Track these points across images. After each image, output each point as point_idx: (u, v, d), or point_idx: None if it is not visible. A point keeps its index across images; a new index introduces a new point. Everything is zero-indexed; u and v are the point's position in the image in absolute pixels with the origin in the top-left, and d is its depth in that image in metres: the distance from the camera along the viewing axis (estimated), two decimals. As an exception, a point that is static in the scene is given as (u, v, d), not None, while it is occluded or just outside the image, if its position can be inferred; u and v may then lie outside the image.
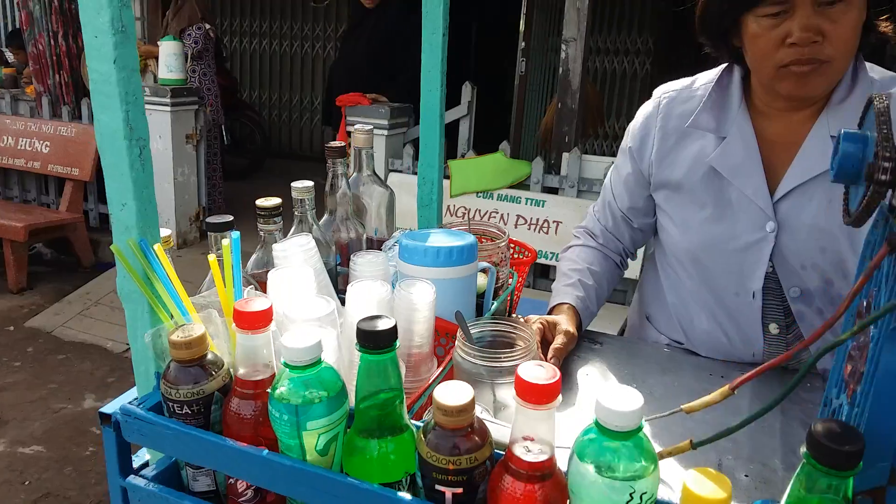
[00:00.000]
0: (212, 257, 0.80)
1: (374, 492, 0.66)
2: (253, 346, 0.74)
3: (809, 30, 1.05)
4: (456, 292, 1.17)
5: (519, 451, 0.63)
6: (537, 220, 3.61)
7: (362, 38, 4.00)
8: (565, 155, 3.63)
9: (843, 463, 0.54)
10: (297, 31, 8.12)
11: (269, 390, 0.71)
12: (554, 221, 3.57)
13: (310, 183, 1.19)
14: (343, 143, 1.28)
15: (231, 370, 0.79)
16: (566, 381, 1.23)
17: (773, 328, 1.27)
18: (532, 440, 0.63)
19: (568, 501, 0.64)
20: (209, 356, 0.77)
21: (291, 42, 8.19)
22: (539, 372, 0.62)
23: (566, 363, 1.28)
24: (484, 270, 1.23)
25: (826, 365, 1.27)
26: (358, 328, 0.68)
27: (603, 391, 0.62)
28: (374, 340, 0.67)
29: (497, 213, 3.66)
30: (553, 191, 3.69)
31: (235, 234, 0.86)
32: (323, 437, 0.70)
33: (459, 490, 0.65)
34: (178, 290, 0.78)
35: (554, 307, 1.36)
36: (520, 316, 1.39)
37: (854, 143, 0.62)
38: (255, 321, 0.72)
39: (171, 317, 0.79)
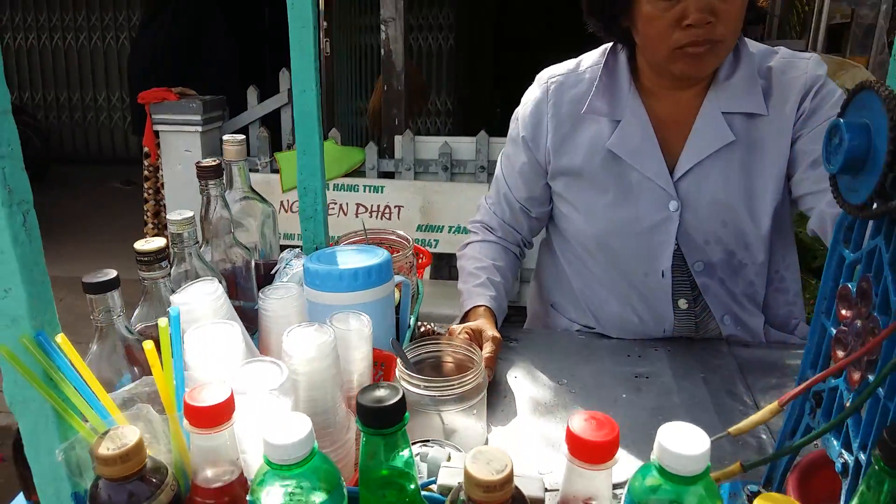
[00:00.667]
0: (149, 344, 0.63)
1: None
2: (216, 447, 0.59)
3: (705, 10, 1.05)
4: (378, 315, 1.06)
5: (574, 515, 0.56)
6: (378, 206, 3.51)
7: (164, 27, 3.62)
8: (398, 138, 3.55)
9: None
10: (81, 22, 7.26)
11: (247, 498, 0.57)
12: (395, 206, 3.50)
13: (189, 213, 1.01)
14: (217, 162, 1.11)
15: (176, 473, 0.63)
16: (496, 387, 1.17)
17: (682, 303, 1.29)
18: (588, 501, 0.55)
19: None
20: (148, 463, 0.61)
21: (76, 34, 7.32)
22: (592, 425, 0.55)
23: (495, 369, 1.22)
24: (397, 285, 1.13)
25: (732, 331, 1.31)
26: (364, 406, 0.56)
27: (663, 431, 0.55)
28: (386, 416, 0.56)
29: (336, 203, 3.52)
30: (390, 175, 3.60)
31: (175, 308, 0.69)
32: (327, 540, 0.58)
33: (508, 571, 0.57)
34: (94, 389, 0.61)
35: (469, 311, 1.29)
36: (430, 325, 1.31)
37: (860, 134, 0.60)
38: (217, 416, 0.58)
39: (87, 422, 0.62)
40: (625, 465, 0.97)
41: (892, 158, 0.57)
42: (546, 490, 0.68)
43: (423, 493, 0.64)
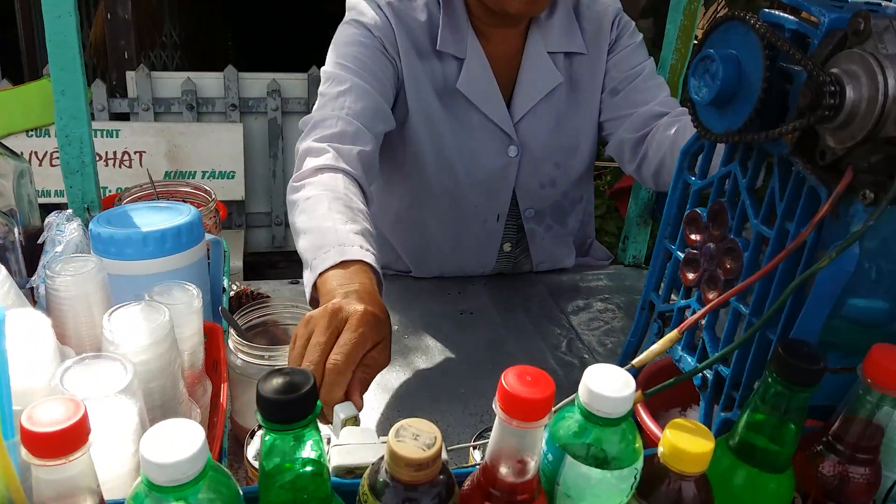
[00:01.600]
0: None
1: None
2: (70, 478, 0.46)
3: None
4: (196, 282, 0.92)
5: (506, 474, 0.52)
6: (115, 154, 3.11)
7: None
8: (130, 74, 3.14)
9: (811, 380, 0.56)
10: None
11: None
12: (135, 152, 3.12)
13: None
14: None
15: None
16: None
17: (507, 246, 1.30)
18: (524, 460, 0.52)
19: (555, 508, 0.56)
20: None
21: None
22: (526, 381, 0.51)
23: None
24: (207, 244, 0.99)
25: (544, 267, 1.35)
26: (265, 398, 0.47)
27: (588, 374, 0.53)
28: (295, 408, 0.47)
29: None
30: (124, 117, 3.20)
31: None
32: (232, 559, 0.49)
33: (441, 548, 0.52)
34: None
35: (339, 264, 0.84)
36: (243, 285, 1.18)
37: (732, 66, 0.62)
38: (71, 441, 0.45)
39: None
40: (474, 399, 0.97)
41: (767, 86, 0.59)
42: (447, 449, 0.64)
43: (318, 479, 0.57)
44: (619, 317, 1.23)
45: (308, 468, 0.50)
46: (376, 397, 0.98)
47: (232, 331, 0.85)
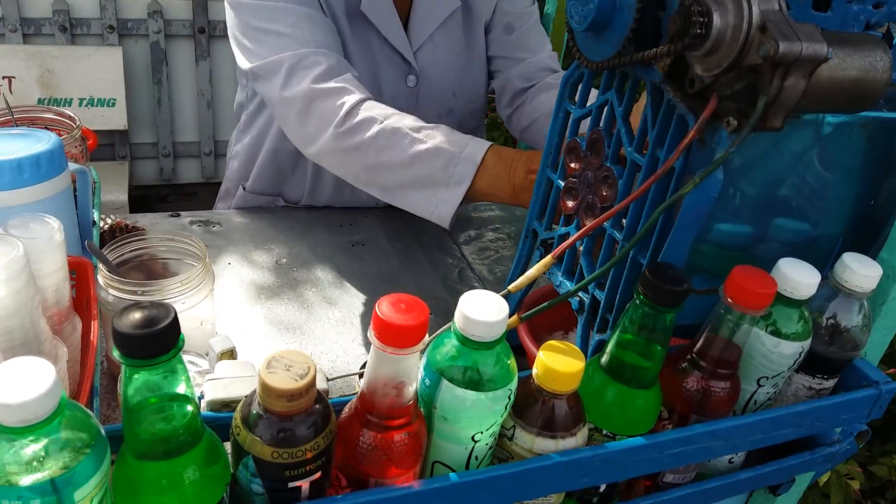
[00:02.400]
0: None
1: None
2: None
3: None
4: (59, 215, 0.86)
5: (383, 400, 0.53)
6: (-20, 79, 2.85)
7: None
8: (-9, -10, 2.86)
9: (676, 301, 0.59)
10: None
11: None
12: (4, 78, 2.87)
13: None
14: None
15: None
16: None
17: None
18: (401, 386, 0.52)
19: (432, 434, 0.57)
20: None
21: None
22: (400, 308, 0.50)
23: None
24: (72, 174, 0.93)
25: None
26: (127, 335, 0.44)
27: (464, 300, 0.54)
28: (158, 342, 0.45)
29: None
30: (-13, 38, 2.92)
31: None
32: (96, 499, 0.47)
33: (318, 474, 0.52)
34: None
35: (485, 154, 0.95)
36: (117, 218, 1.12)
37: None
38: None
39: None
40: (364, 330, 0.97)
41: (640, 14, 0.59)
42: (328, 378, 0.64)
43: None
44: (508, 246, 1.25)
45: (174, 404, 0.49)
46: (262, 329, 0.96)
47: (101, 266, 0.81)
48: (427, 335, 0.51)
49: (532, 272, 0.65)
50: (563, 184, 0.79)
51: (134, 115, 3.01)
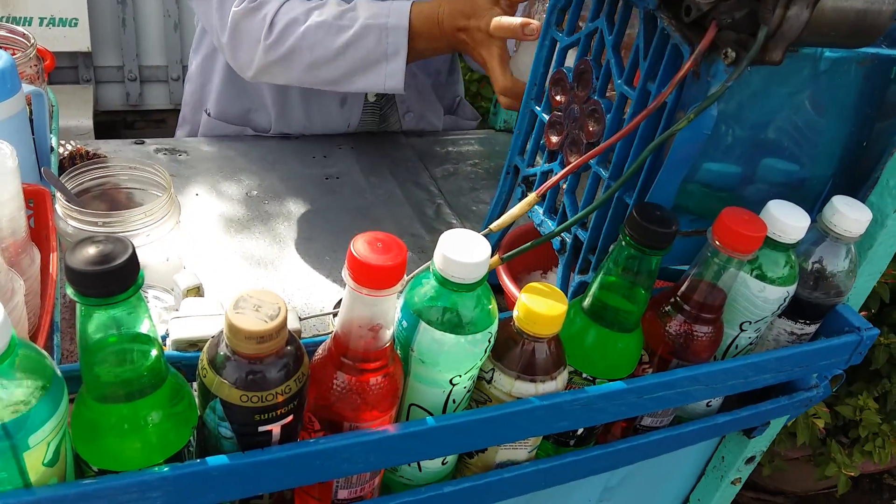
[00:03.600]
0: None
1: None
2: None
3: None
4: (13, 140, 0.81)
5: (358, 342, 0.50)
6: (-71, -8, 2.69)
7: None
8: None
9: (663, 243, 0.57)
10: None
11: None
12: (-45, -8, 2.71)
13: None
14: None
15: None
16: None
17: (371, 96, 1.23)
18: (377, 328, 0.50)
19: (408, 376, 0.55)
20: None
21: None
22: (377, 248, 0.48)
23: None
24: (27, 97, 0.87)
25: (412, 125, 1.30)
26: (74, 270, 0.41)
27: (444, 241, 0.51)
28: (115, 279, 0.42)
29: None
30: (-63, -51, 2.74)
31: None
32: (52, 443, 0.44)
33: (290, 418, 0.50)
34: None
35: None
36: (78, 144, 1.07)
37: None
38: None
39: None
40: (338, 266, 0.94)
41: (638, -67, 0.55)
42: (300, 318, 0.61)
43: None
44: (488, 182, 1.22)
45: (135, 344, 0.46)
46: (232, 265, 0.93)
47: (59, 195, 0.76)
48: (405, 276, 0.48)
49: (514, 211, 0.63)
50: (547, 118, 0.75)
51: (97, 36, 2.87)
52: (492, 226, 0.63)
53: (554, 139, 0.74)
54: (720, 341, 0.66)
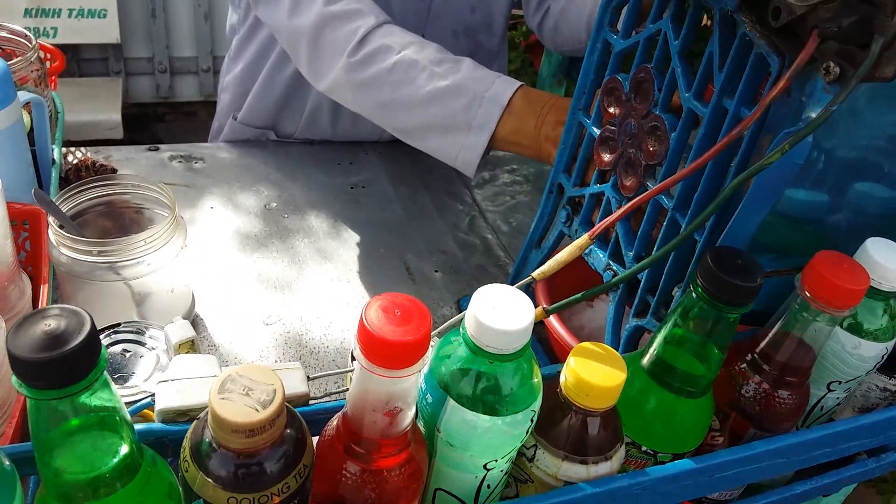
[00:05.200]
0: None
1: None
2: None
3: None
4: (6, 155, 0.75)
5: (373, 428, 0.41)
6: (-41, -15, 2.66)
7: None
8: None
9: (745, 299, 0.46)
10: None
11: None
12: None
13: None
14: None
15: None
16: (191, 225, 0.94)
17: None
18: (395, 412, 0.41)
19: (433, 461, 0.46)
20: None
21: None
22: (395, 317, 0.38)
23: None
24: (26, 105, 0.80)
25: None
26: (16, 358, 0.33)
27: (477, 301, 0.42)
28: (66, 369, 0.34)
29: None
30: (-33, -60, 2.71)
31: None
32: (0, 557, 0.37)
33: (289, 517, 0.41)
34: None
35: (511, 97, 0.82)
36: (84, 152, 0.99)
37: None
38: None
39: None
40: (361, 291, 0.85)
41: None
42: (309, 378, 0.52)
43: (136, 427, 0.44)
44: (526, 190, 1.12)
45: (98, 434, 0.38)
46: (246, 289, 0.85)
47: (52, 219, 0.69)
48: (430, 345, 0.39)
49: (562, 257, 0.53)
50: (598, 132, 0.65)
51: (127, 27, 2.82)
52: (535, 274, 0.54)
53: (606, 157, 0.64)
54: (805, 406, 0.55)
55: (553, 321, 0.70)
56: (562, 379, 0.47)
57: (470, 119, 0.81)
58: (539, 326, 0.83)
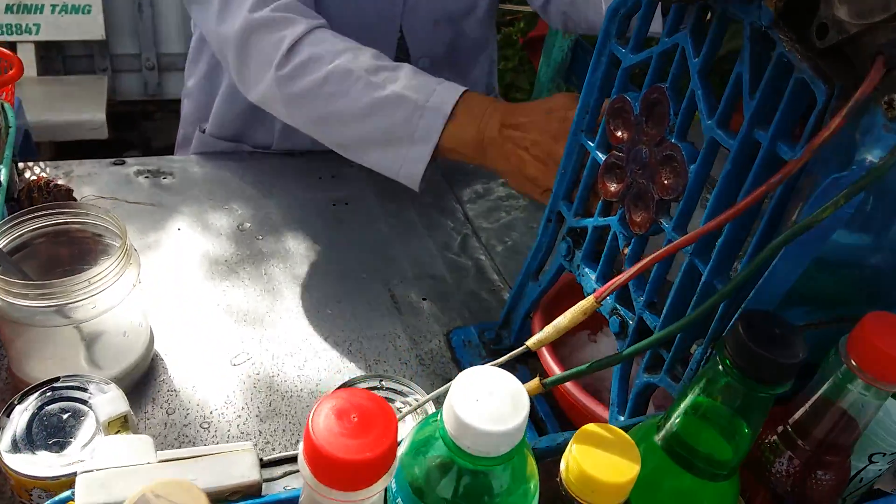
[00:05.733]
0: None
1: None
2: None
3: None
4: (-67, 183, 0.67)
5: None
6: (-63, -21, 2.56)
7: None
8: None
9: (782, 376, 0.38)
10: None
11: None
12: (-35, -21, 2.58)
13: None
14: None
15: None
16: (154, 249, 0.86)
17: None
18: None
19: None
20: None
21: None
22: (349, 425, 0.30)
23: (148, 239, 0.89)
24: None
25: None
26: None
27: (458, 392, 0.34)
28: None
29: None
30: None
31: None
32: None
33: None
34: None
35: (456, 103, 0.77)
36: (40, 169, 0.91)
37: None
38: None
39: None
40: (341, 325, 0.77)
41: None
42: (262, 462, 0.44)
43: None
44: (522, 205, 1.04)
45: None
46: (211, 324, 0.77)
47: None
48: (393, 465, 0.31)
49: (564, 322, 0.45)
50: (603, 158, 0.57)
51: (112, 22, 2.73)
52: (529, 343, 0.45)
53: (612, 187, 0.56)
54: (845, 485, 0.47)
55: (547, 356, 0.62)
56: (562, 467, 0.39)
57: (411, 131, 0.77)
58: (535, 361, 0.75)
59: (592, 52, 0.57)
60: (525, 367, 0.75)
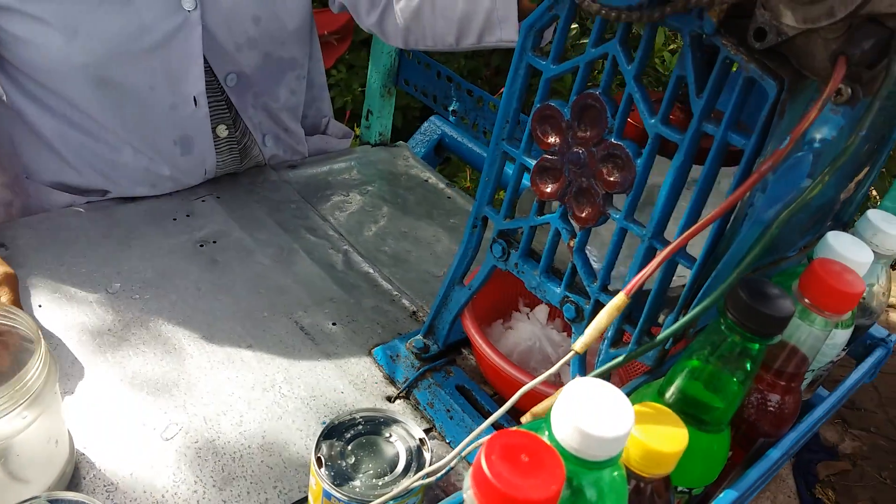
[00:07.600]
0: None
1: None
2: None
3: None
4: None
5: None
6: None
7: None
8: None
9: (780, 328, 0.46)
10: None
11: None
12: None
13: None
14: None
15: None
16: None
17: (222, 130, 0.99)
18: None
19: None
20: None
21: None
22: (520, 464, 0.31)
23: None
24: None
25: (273, 151, 1.09)
26: None
27: (569, 404, 0.36)
28: None
29: None
30: None
31: None
32: None
33: None
34: None
35: None
36: None
37: None
38: None
39: None
40: (252, 366, 0.74)
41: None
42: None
43: None
44: (385, 211, 1.06)
45: None
46: (124, 400, 0.70)
47: None
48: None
49: (602, 322, 0.48)
50: (532, 162, 0.61)
51: None
52: (576, 347, 0.48)
53: (549, 188, 0.61)
54: (797, 413, 0.57)
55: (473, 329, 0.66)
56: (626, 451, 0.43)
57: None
58: (462, 360, 0.78)
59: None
60: (459, 367, 0.78)
